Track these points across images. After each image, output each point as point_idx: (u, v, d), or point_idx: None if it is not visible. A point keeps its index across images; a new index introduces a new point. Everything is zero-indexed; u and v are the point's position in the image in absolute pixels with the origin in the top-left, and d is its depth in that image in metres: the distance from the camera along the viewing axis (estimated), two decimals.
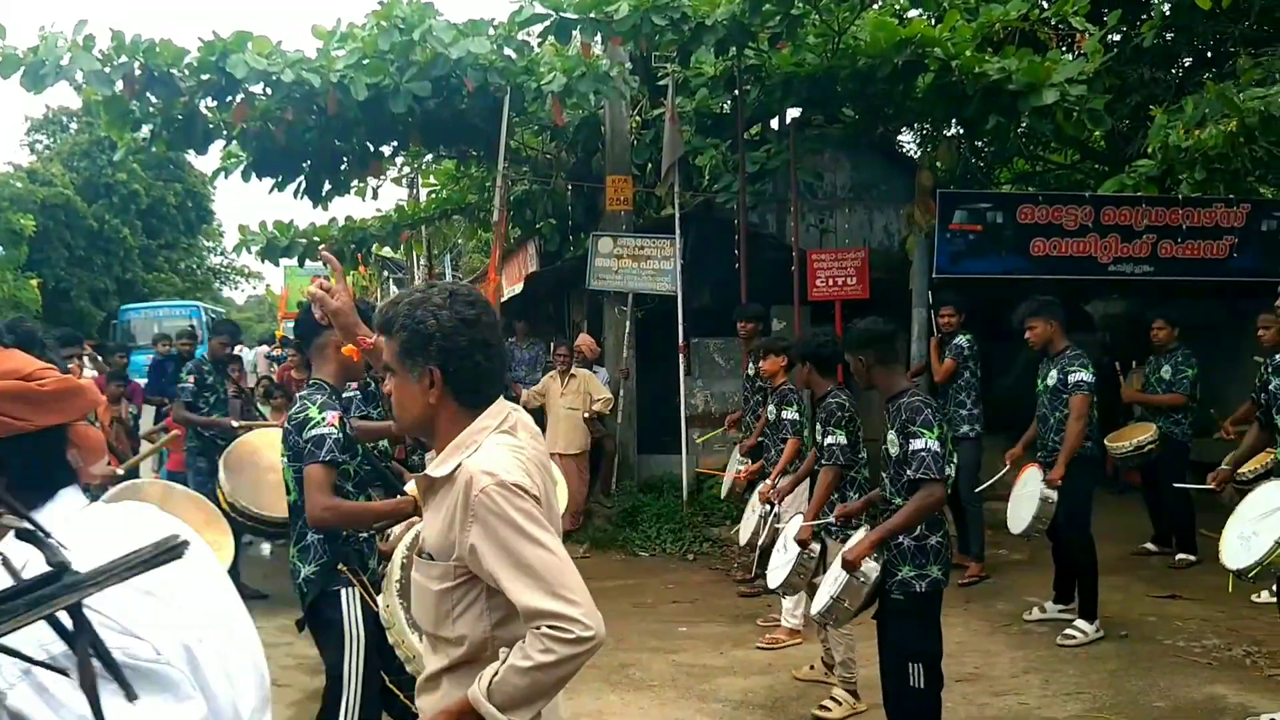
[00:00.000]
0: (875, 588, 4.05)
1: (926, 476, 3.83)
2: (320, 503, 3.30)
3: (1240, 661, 5.47)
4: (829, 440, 4.95)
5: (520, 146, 11.31)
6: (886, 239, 10.89)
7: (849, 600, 4.06)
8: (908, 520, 3.89)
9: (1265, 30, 10.69)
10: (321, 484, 3.31)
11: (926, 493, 3.85)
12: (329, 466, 3.33)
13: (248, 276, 42.96)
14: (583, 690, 5.34)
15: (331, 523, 3.37)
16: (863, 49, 8.95)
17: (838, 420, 4.97)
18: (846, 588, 4.02)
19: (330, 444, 3.33)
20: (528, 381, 9.63)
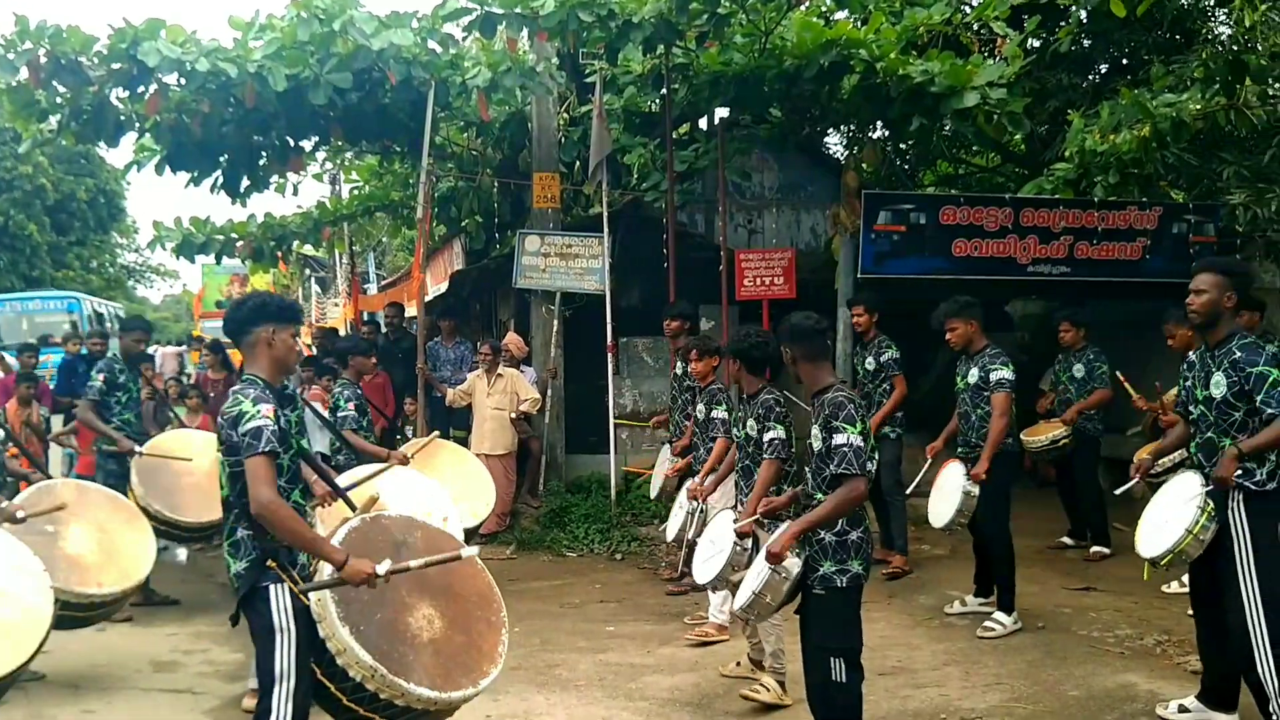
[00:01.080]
0: (796, 583, 4.07)
1: (849, 471, 3.86)
2: (265, 495, 3.31)
3: (1151, 650, 5.62)
4: (769, 435, 4.98)
5: (445, 142, 11.17)
6: (813, 240, 11.00)
7: (770, 595, 4.07)
8: (829, 514, 3.91)
9: (1177, 39, 11.05)
10: (263, 476, 3.33)
11: (849, 488, 3.87)
12: (270, 457, 3.35)
13: (163, 275, 41.88)
14: (509, 691, 5.28)
15: (270, 517, 3.34)
16: (789, 50, 9.02)
17: (776, 416, 5.00)
18: (768, 583, 4.04)
19: (268, 434, 3.36)
20: (453, 381, 9.50)
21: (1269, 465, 4.19)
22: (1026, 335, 11.45)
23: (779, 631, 5.06)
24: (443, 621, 3.53)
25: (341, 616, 3.30)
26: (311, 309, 20.52)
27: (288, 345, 3.67)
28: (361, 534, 3.57)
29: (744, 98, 9.62)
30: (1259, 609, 4.15)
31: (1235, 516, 4.21)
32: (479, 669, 3.50)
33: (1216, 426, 4.30)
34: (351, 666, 3.29)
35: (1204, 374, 4.37)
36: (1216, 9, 10.87)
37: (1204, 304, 4.32)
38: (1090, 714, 4.77)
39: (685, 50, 9.43)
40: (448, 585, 3.66)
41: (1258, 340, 4.32)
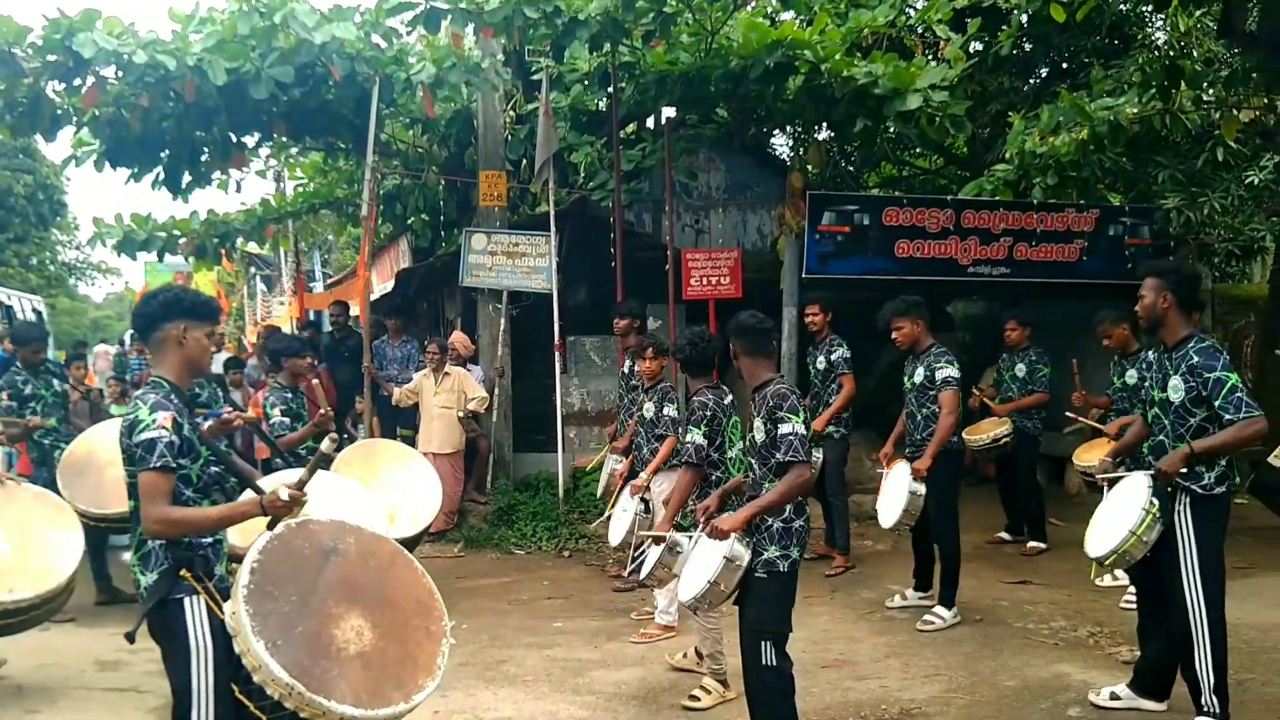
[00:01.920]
0: (747, 570, 4.14)
1: (796, 459, 3.98)
2: (152, 514, 3.13)
3: (1084, 641, 5.76)
4: (687, 438, 5.02)
5: (390, 139, 11.09)
6: (760, 240, 11.08)
7: (724, 584, 4.14)
8: (779, 499, 4.02)
9: (1115, 44, 11.30)
10: (154, 493, 3.13)
11: (796, 474, 3.99)
12: (162, 473, 3.15)
13: (105, 272, 40.97)
14: (456, 687, 5.29)
15: (166, 534, 3.20)
16: (735, 50, 9.08)
17: (698, 419, 5.02)
18: (722, 572, 4.09)
19: (161, 448, 3.14)
20: (400, 380, 9.44)
21: (1217, 470, 4.26)
22: (967, 336, 11.64)
23: (716, 635, 5.12)
24: (374, 633, 3.32)
25: (257, 630, 3.07)
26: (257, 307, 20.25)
27: (201, 345, 3.43)
28: (285, 542, 3.34)
29: (690, 97, 9.68)
30: (1201, 609, 4.24)
31: (1181, 519, 4.29)
32: (413, 682, 3.29)
33: (1172, 431, 4.34)
34: (268, 684, 3.06)
35: (1161, 376, 4.41)
36: (1153, 15, 11.13)
37: (1144, 308, 4.42)
38: (1025, 703, 4.87)
39: (632, 49, 9.46)
40: (383, 593, 3.47)
41: (1215, 344, 4.35)
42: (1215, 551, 4.30)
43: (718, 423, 5.08)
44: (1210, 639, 4.24)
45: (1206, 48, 10.06)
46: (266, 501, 3.25)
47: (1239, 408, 4.10)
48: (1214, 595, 4.26)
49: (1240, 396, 4.12)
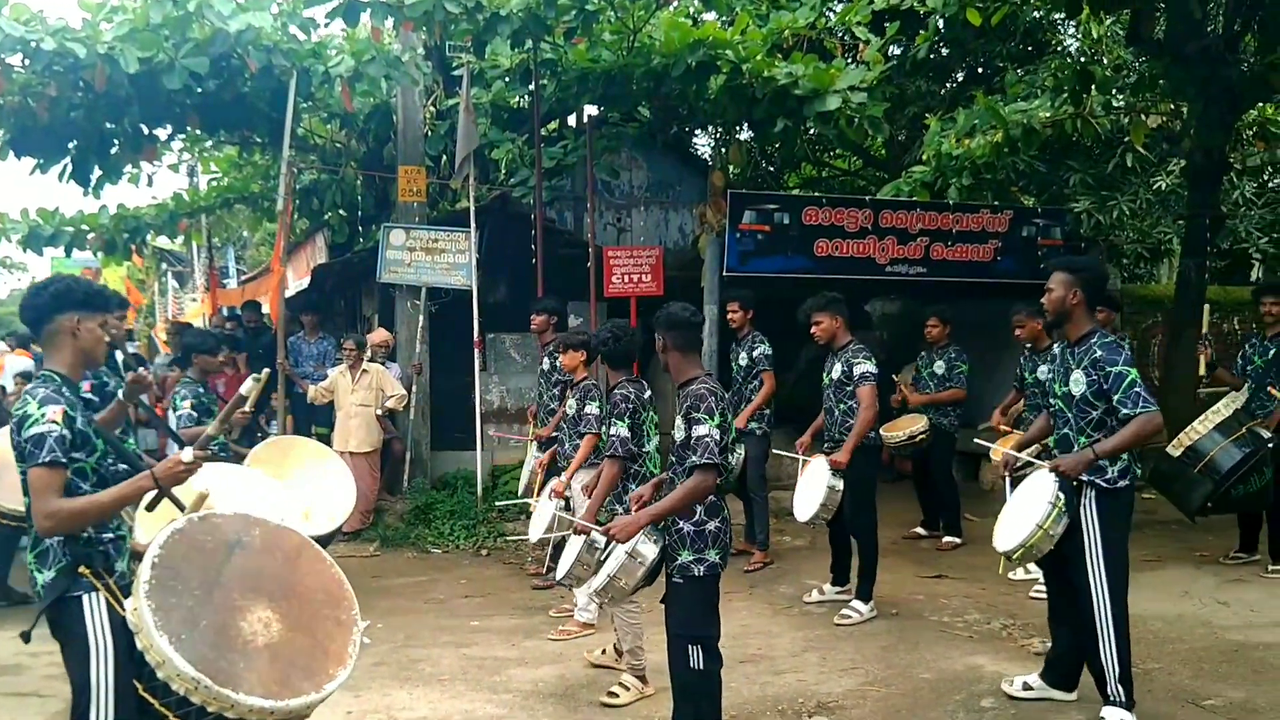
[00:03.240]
0: (653, 569, 4.08)
1: (705, 462, 3.89)
2: (41, 509, 3.02)
3: (997, 634, 5.85)
4: (611, 431, 4.98)
5: (308, 133, 10.85)
6: (681, 238, 11.10)
7: (625, 579, 4.08)
8: (677, 504, 3.94)
9: (1029, 50, 11.58)
10: (43, 489, 3.02)
11: (700, 478, 3.90)
12: (51, 468, 3.04)
13: (10, 268, 39.38)
14: (370, 686, 5.18)
15: (58, 530, 3.08)
16: (657, 48, 9.09)
17: (620, 412, 4.99)
18: (622, 567, 4.05)
19: (51, 443, 3.04)
20: (315, 377, 9.23)
21: (1120, 464, 4.35)
22: (885, 334, 11.80)
23: (636, 630, 5.07)
24: (282, 624, 3.28)
25: (160, 625, 3.00)
26: (169, 304, 19.70)
27: (95, 336, 3.34)
28: (188, 535, 3.26)
29: (612, 95, 9.66)
30: (1106, 600, 4.33)
31: (1087, 512, 4.37)
32: (324, 672, 3.26)
33: (1074, 424, 4.42)
34: (173, 679, 3.00)
35: (1064, 370, 4.48)
36: (1065, 22, 11.43)
37: (1052, 301, 4.46)
38: (940, 695, 4.92)
39: (554, 46, 9.40)
40: (290, 585, 3.42)
41: (1118, 340, 4.45)
42: (1120, 544, 4.39)
43: (638, 416, 5.05)
44: (1114, 629, 4.32)
45: (1116, 55, 10.37)
46: (161, 470, 3.16)
47: (1136, 403, 4.19)
48: (1118, 586, 4.35)
49: (1139, 392, 4.20)
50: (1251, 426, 6.16)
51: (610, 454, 4.96)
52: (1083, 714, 4.52)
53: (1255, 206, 10.66)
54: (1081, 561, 4.37)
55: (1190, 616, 6.02)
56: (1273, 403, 6.69)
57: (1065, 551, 4.42)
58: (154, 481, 3.17)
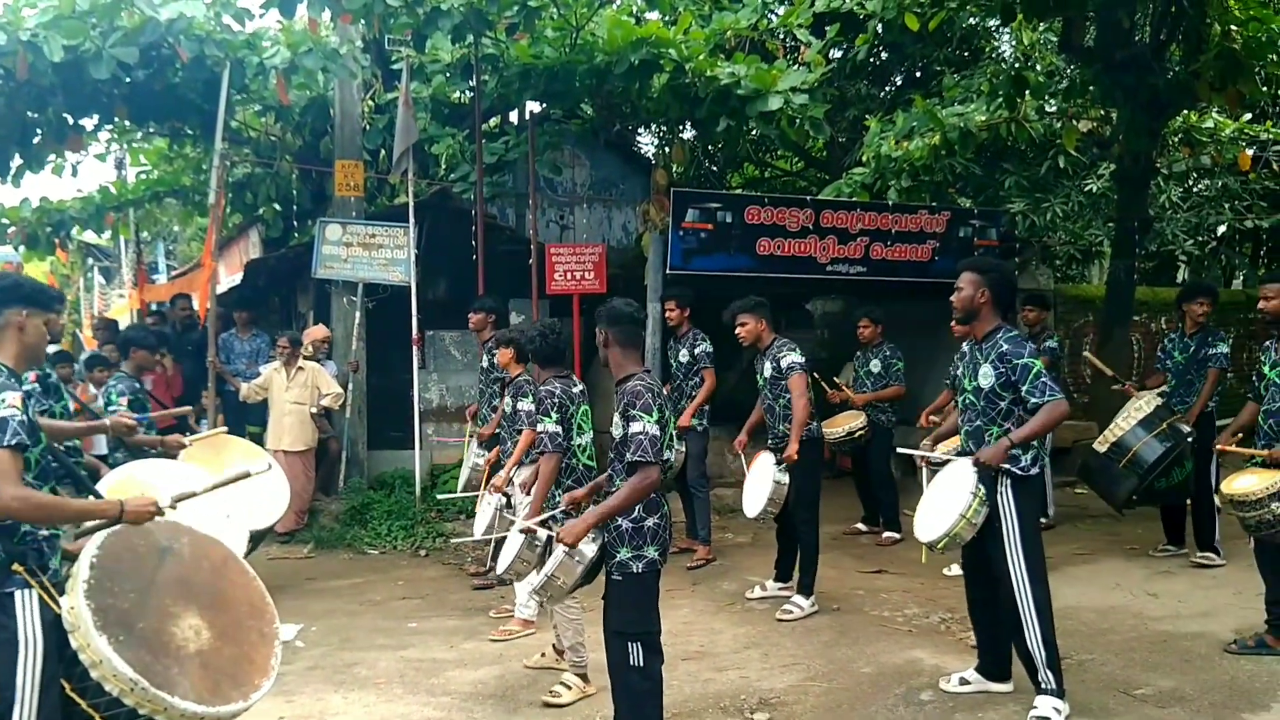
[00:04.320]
0: (592, 567, 4.05)
1: (643, 460, 3.85)
2: (9, 491, 3.01)
3: (936, 628, 5.91)
4: (540, 428, 4.92)
5: (241, 126, 10.63)
6: (625, 236, 11.09)
7: (563, 578, 4.04)
8: (623, 502, 3.90)
9: (966, 55, 11.78)
10: (8, 470, 3.03)
11: (641, 475, 3.87)
12: (15, 451, 3.06)
13: None
14: (304, 691, 5.08)
15: (22, 514, 3.08)
16: (600, 46, 9.04)
17: (547, 408, 4.94)
18: (561, 565, 4.01)
19: (14, 426, 3.07)
20: (248, 375, 9.02)
21: (1032, 452, 4.49)
22: (826, 332, 11.91)
23: (577, 626, 5.04)
24: (211, 632, 3.34)
25: (99, 625, 3.05)
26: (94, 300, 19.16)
27: (40, 333, 3.39)
28: (123, 538, 3.31)
29: (555, 92, 9.59)
30: (1026, 585, 4.43)
31: (1004, 500, 4.48)
32: (250, 682, 3.33)
33: (984, 415, 4.54)
34: (109, 680, 3.03)
35: (972, 366, 4.61)
36: (1000, 29, 11.64)
37: (961, 300, 4.58)
38: (880, 688, 4.95)
39: (495, 41, 9.31)
40: (217, 595, 3.48)
41: (1020, 334, 4.61)
42: (1034, 528, 4.52)
43: (566, 410, 5.01)
44: (1037, 614, 4.41)
45: (1049, 61, 10.59)
46: (132, 507, 3.22)
47: (1043, 392, 4.34)
48: (1036, 570, 4.45)
49: (1045, 382, 4.36)
50: (1172, 421, 6.33)
51: (542, 450, 4.92)
52: (1018, 704, 4.58)
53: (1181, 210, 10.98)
54: (1001, 549, 4.46)
55: (1121, 608, 6.15)
56: (1193, 398, 6.89)
57: (984, 541, 4.51)
58: (119, 514, 3.21)
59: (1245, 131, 10.46)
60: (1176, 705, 4.60)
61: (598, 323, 4.26)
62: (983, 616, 4.79)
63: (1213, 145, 10.32)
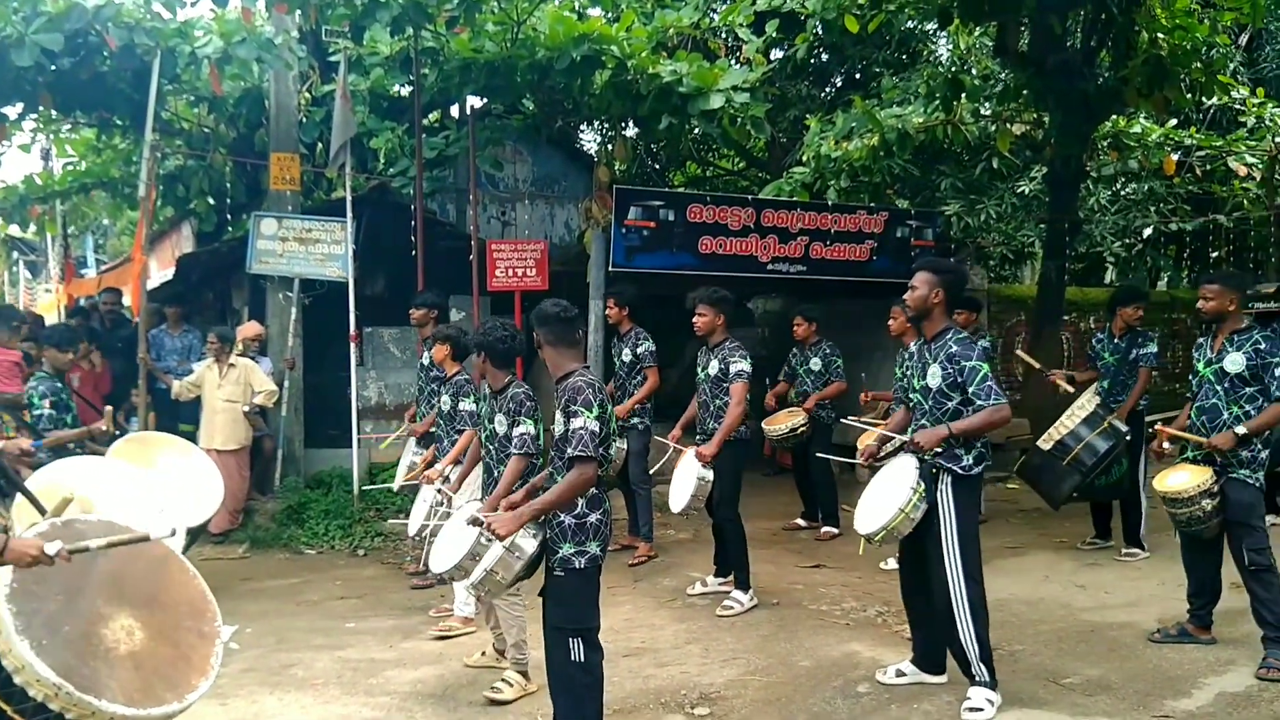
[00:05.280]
0: (532, 562, 4.04)
1: (583, 454, 3.86)
2: None
3: (873, 621, 6.00)
4: (519, 430, 4.82)
5: (173, 117, 10.38)
6: (567, 233, 11.06)
7: (501, 573, 4.04)
8: (561, 497, 3.90)
9: (904, 57, 11.96)
10: None
11: (580, 470, 3.87)
12: None
13: None
14: (238, 694, 5.00)
15: None
16: (541, 41, 9.00)
17: (528, 410, 4.88)
18: (500, 560, 3.99)
19: None
20: (179, 372, 8.82)
21: (974, 451, 4.56)
22: (766, 331, 12.01)
23: (520, 623, 5.02)
24: (145, 633, 3.28)
25: (20, 629, 2.98)
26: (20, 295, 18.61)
27: None
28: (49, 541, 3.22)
29: (496, 87, 9.52)
30: (961, 581, 4.51)
31: (943, 497, 4.55)
32: (186, 682, 3.27)
33: (932, 414, 4.61)
34: (32, 685, 2.96)
35: (921, 365, 4.69)
36: (937, 32, 11.83)
37: (916, 299, 4.65)
38: (818, 682, 5.00)
39: (435, 34, 9.22)
40: (153, 594, 3.42)
41: (971, 337, 4.70)
42: (972, 527, 4.60)
43: (536, 414, 4.97)
44: (971, 609, 4.50)
45: (984, 65, 10.79)
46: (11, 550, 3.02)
47: (989, 395, 4.43)
48: (972, 567, 4.54)
49: (990, 385, 4.45)
50: (1111, 420, 6.48)
51: (521, 451, 4.83)
52: (952, 695, 4.66)
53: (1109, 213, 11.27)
54: (938, 545, 4.54)
55: (1050, 599, 6.29)
56: (1125, 397, 7.08)
57: (922, 536, 4.59)
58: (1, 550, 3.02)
59: (1171, 137, 10.75)
60: (1103, 693, 4.72)
61: (533, 325, 4.26)
62: (918, 610, 4.88)
63: (1140, 150, 10.59)
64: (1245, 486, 4.94)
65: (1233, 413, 4.95)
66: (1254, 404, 4.92)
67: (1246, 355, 4.93)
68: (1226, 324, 5.06)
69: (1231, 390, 4.97)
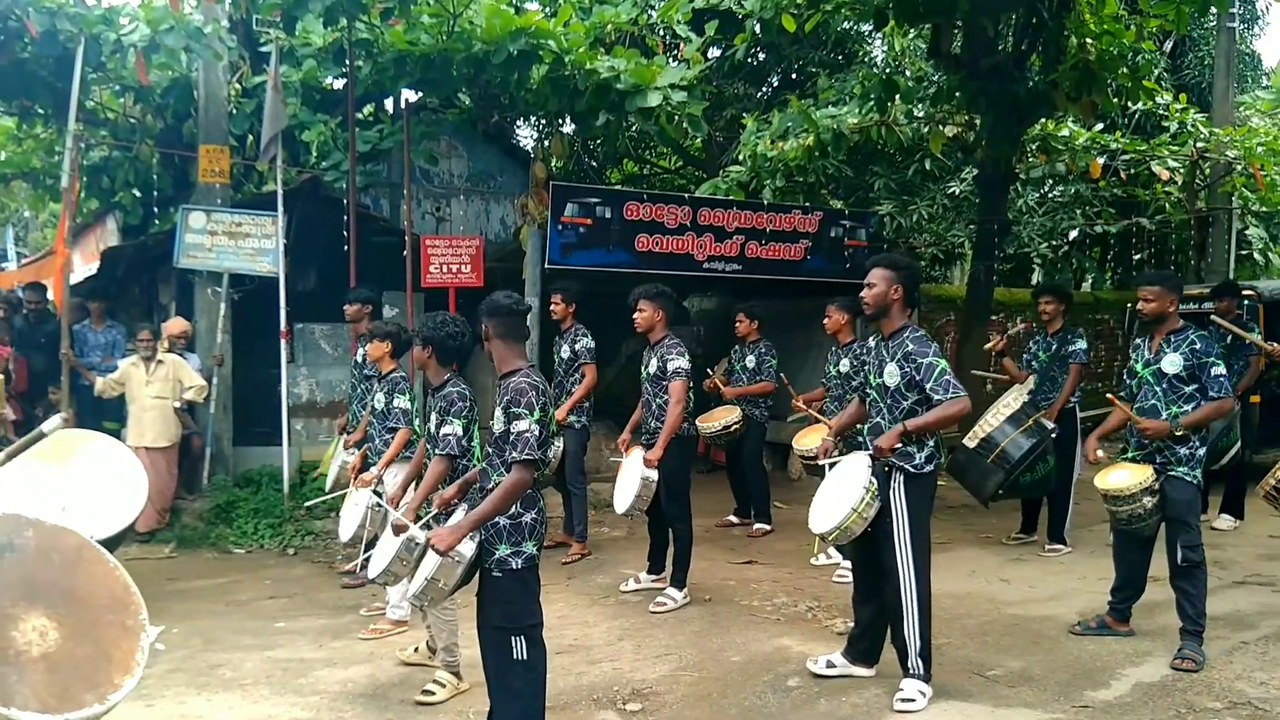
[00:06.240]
0: (471, 565, 4.01)
1: (526, 458, 3.83)
2: None
3: (803, 616, 6.06)
4: (445, 430, 4.75)
5: (98, 106, 10.13)
6: (503, 230, 11.00)
7: (444, 580, 3.98)
8: (499, 504, 3.86)
9: (840, 58, 12.09)
10: None
11: (519, 473, 3.84)
12: None
13: None
14: (164, 695, 4.90)
15: None
16: (478, 34, 8.94)
17: (457, 410, 4.80)
18: (440, 567, 3.94)
19: None
20: (103, 368, 8.59)
21: (927, 450, 4.61)
22: (702, 329, 12.05)
23: (452, 626, 4.98)
24: (60, 632, 3.12)
25: None
26: None
27: None
28: None
29: (431, 80, 9.44)
30: (911, 578, 4.58)
31: (895, 496, 4.60)
32: (109, 681, 3.12)
33: (888, 412, 4.65)
34: None
35: (878, 363, 4.72)
36: (872, 34, 11.99)
37: (875, 296, 4.68)
38: (749, 676, 5.05)
39: (369, 26, 9.10)
40: (69, 590, 3.26)
41: (926, 334, 4.72)
42: (924, 525, 4.66)
43: (470, 415, 4.91)
44: (918, 605, 4.58)
45: (918, 67, 10.98)
46: None
47: (946, 389, 4.47)
48: (922, 565, 4.61)
49: (948, 379, 4.49)
50: (1037, 418, 6.63)
51: (444, 452, 4.78)
52: (881, 688, 4.74)
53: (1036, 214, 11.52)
54: (890, 542, 4.59)
55: (976, 594, 6.42)
56: (1056, 394, 7.25)
57: (875, 533, 4.64)
58: None
59: (1097, 141, 11.04)
60: (1025, 685, 4.83)
61: (479, 316, 4.20)
62: (866, 605, 4.91)
63: (1067, 153, 10.86)
64: (1184, 484, 5.04)
65: (1171, 412, 5.05)
66: (1192, 403, 5.02)
67: (1184, 356, 5.03)
68: (1164, 325, 5.16)
69: (1170, 390, 5.07)
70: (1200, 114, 11.58)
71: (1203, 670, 4.89)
